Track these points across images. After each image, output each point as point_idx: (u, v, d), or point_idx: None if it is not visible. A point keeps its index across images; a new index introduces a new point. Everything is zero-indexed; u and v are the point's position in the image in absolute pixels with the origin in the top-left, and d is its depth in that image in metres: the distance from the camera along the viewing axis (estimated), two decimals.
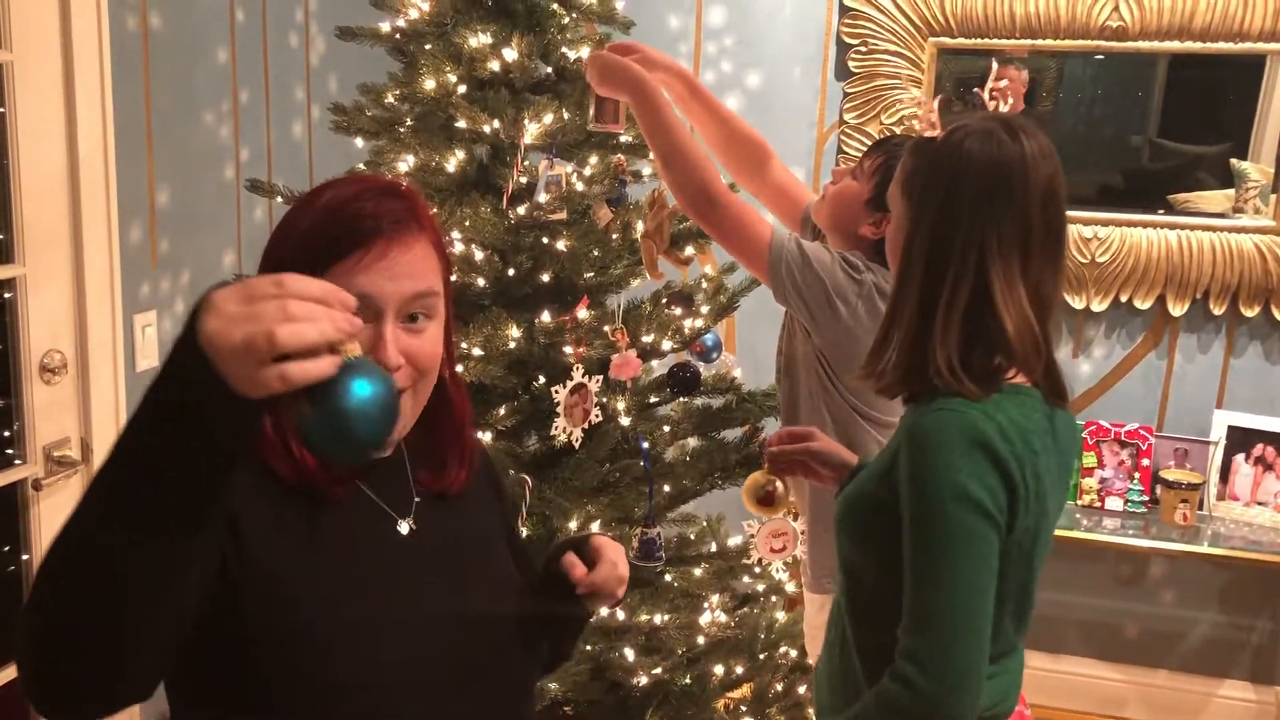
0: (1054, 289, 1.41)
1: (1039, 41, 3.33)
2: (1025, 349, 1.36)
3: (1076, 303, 3.42)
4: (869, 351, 1.48)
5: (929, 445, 1.32)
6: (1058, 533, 3.07)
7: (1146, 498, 3.29)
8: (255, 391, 0.80)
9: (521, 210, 2.29)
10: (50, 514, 2.42)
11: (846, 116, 3.50)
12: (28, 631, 0.88)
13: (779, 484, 1.80)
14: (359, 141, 2.48)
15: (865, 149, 2.21)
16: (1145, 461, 3.30)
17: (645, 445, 2.28)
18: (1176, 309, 3.35)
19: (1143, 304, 3.38)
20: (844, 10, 3.45)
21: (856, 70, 3.47)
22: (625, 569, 1.27)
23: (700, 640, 2.34)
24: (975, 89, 3.41)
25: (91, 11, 2.34)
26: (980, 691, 1.32)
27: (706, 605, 2.44)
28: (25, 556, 2.45)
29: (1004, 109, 3.35)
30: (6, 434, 2.43)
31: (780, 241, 1.95)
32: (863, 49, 3.45)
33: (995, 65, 3.37)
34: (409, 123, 2.41)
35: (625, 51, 2.20)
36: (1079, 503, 3.34)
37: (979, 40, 3.37)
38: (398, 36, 2.45)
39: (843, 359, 1.99)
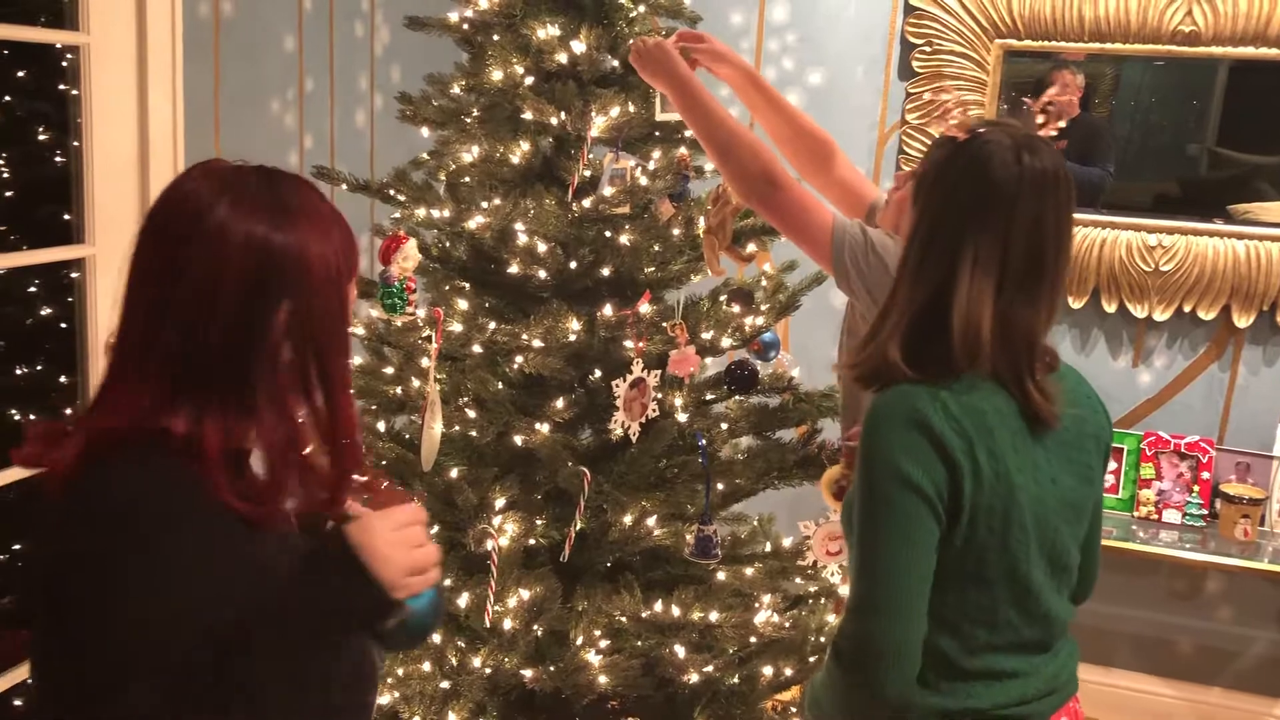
0: (1032, 320, 1.40)
1: (1107, 45, 3.27)
2: (963, 355, 1.37)
3: (1138, 311, 3.36)
4: (859, 341, 1.50)
5: (871, 423, 1.36)
6: (1111, 543, 3.06)
7: (1205, 511, 3.23)
8: (401, 593, 1.11)
9: (586, 204, 2.28)
10: None
11: (908, 117, 3.46)
12: None
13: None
14: (424, 131, 2.48)
15: (927, 150, 2.18)
16: (1205, 475, 3.24)
17: (703, 442, 2.27)
18: (1242, 320, 3.29)
19: (1206, 314, 3.32)
20: (909, 10, 3.41)
21: (920, 70, 3.43)
22: None
23: (752, 640, 2.32)
24: (1026, 101, 3.36)
25: None
26: (908, 666, 1.33)
27: (757, 605, 2.43)
28: None
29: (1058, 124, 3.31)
30: (70, 411, 2.47)
31: (843, 226, 1.93)
32: (927, 49, 3.41)
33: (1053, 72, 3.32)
34: (475, 113, 2.41)
35: (694, 41, 2.19)
36: (1135, 514, 3.29)
37: (1046, 43, 3.32)
38: (465, 27, 2.45)
39: None
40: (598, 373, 2.40)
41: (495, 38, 2.39)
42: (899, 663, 1.32)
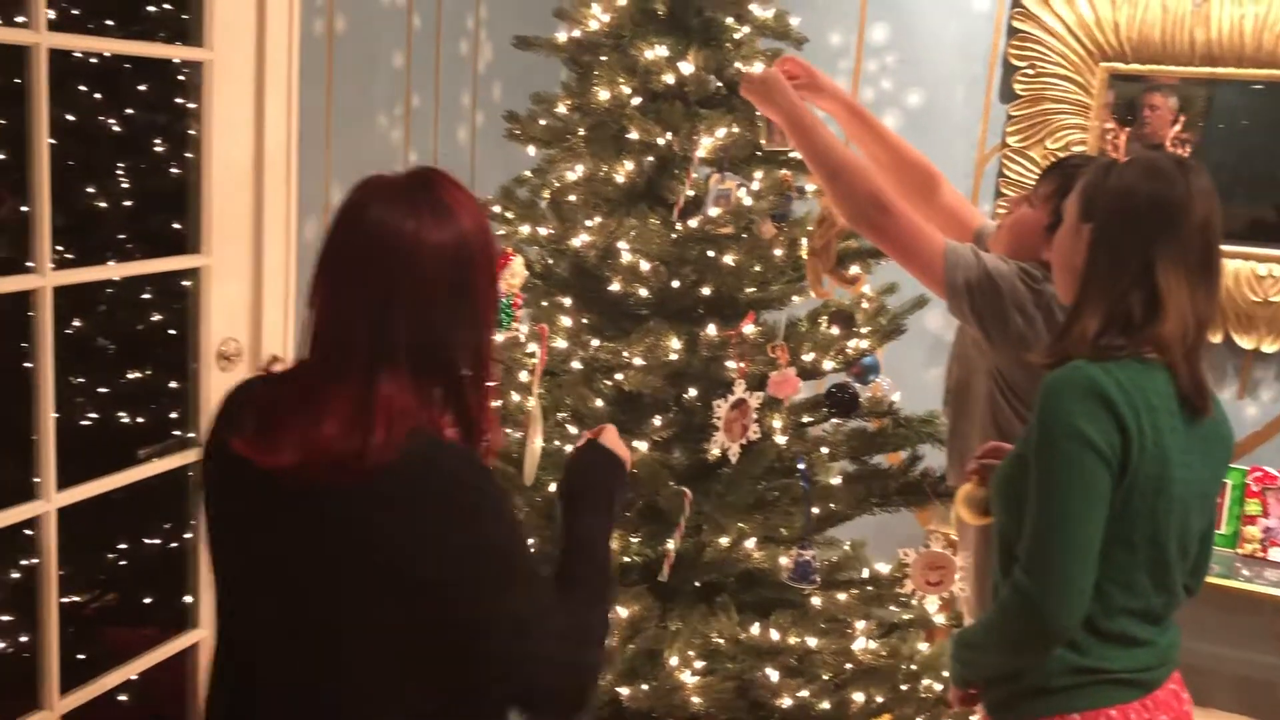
0: (1207, 307, 1.58)
1: (1219, 69, 3.20)
2: (1176, 350, 1.54)
3: (1246, 343, 3.27)
4: (1054, 336, 1.67)
5: (1051, 394, 1.53)
6: (1214, 580, 2.96)
7: None
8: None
9: (693, 223, 2.29)
10: None
11: (1009, 139, 3.42)
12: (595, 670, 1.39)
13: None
14: (530, 149, 2.51)
15: (1039, 175, 2.14)
16: None
17: (803, 466, 2.25)
18: None
19: None
20: (1012, 32, 3.37)
21: (1022, 93, 3.39)
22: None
23: (848, 666, 2.30)
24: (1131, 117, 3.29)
25: (284, 14, 2.43)
26: (1081, 602, 1.49)
27: (850, 631, 2.40)
28: (188, 536, 2.55)
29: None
30: (178, 416, 2.54)
31: (956, 250, 1.91)
32: (1030, 71, 3.37)
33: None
34: (581, 132, 2.43)
35: (795, 71, 2.18)
36: (1239, 551, 3.19)
37: (1154, 66, 3.26)
38: (574, 47, 2.48)
39: (1020, 374, 1.94)
40: (693, 392, 2.40)
41: (603, 58, 2.41)
42: (1075, 598, 1.49)
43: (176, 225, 2.44)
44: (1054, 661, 1.55)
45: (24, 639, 2.26)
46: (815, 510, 2.40)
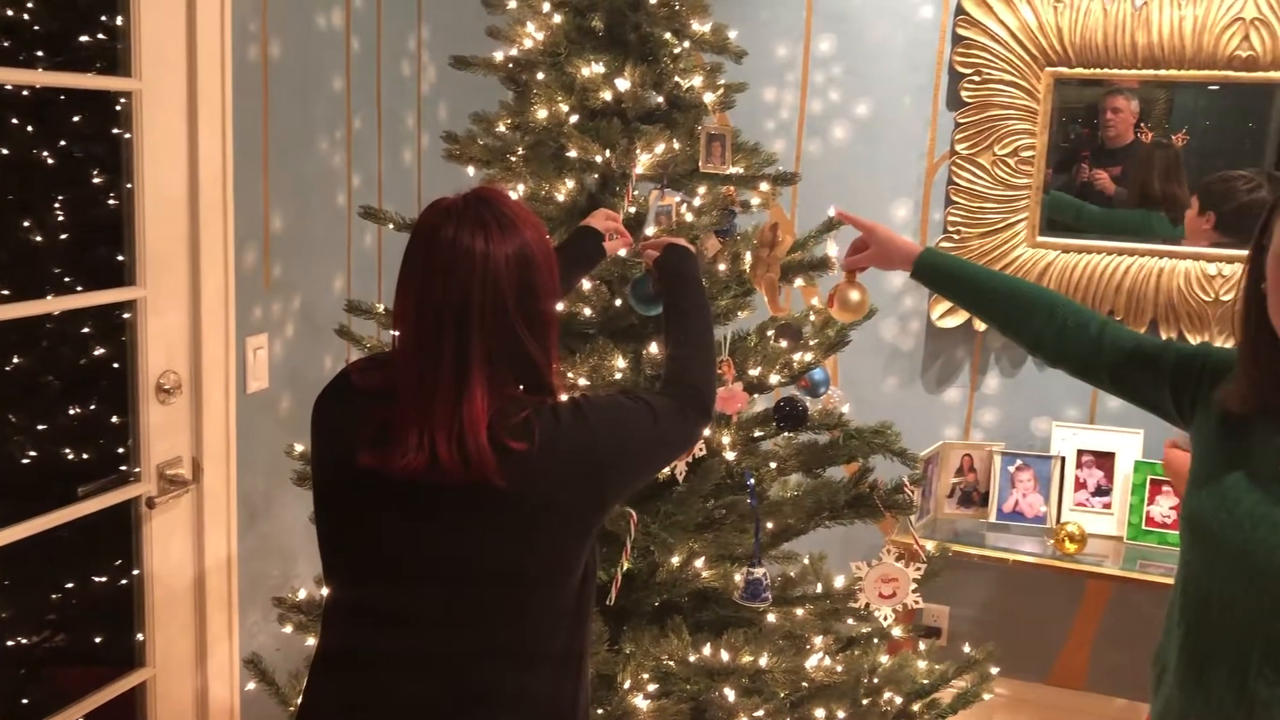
0: None
1: (1161, 72, 3.21)
2: None
3: (1198, 341, 3.28)
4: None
5: None
6: None
7: None
8: None
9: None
10: (162, 531, 2.47)
11: (958, 147, 3.42)
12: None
13: (853, 290, 2.02)
14: (470, 170, 2.49)
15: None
16: None
17: (751, 481, 2.23)
18: None
19: None
20: (957, 39, 3.38)
21: (969, 100, 3.39)
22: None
23: (804, 684, 2.27)
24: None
25: (216, 41, 2.40)
26: None
27: (808, 647, 2.38)
28: (136, 572, 2.50)
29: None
30: (122, 451, 2.49)
31: None
32: (976, 78, 3.38)
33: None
34: (520, 152, 2.41)
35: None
36: None
37: (1098, 70, 3.27)
38: (510, 66, 2.46)
39: None
40: None
41: (540, 76, 2.39)
42: None
43: (117, 257, 2.40)
44: None
45: None
46: (770, 525, 2.38)
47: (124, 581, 2.55)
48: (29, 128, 2.43)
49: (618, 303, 2.35)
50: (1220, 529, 1.46)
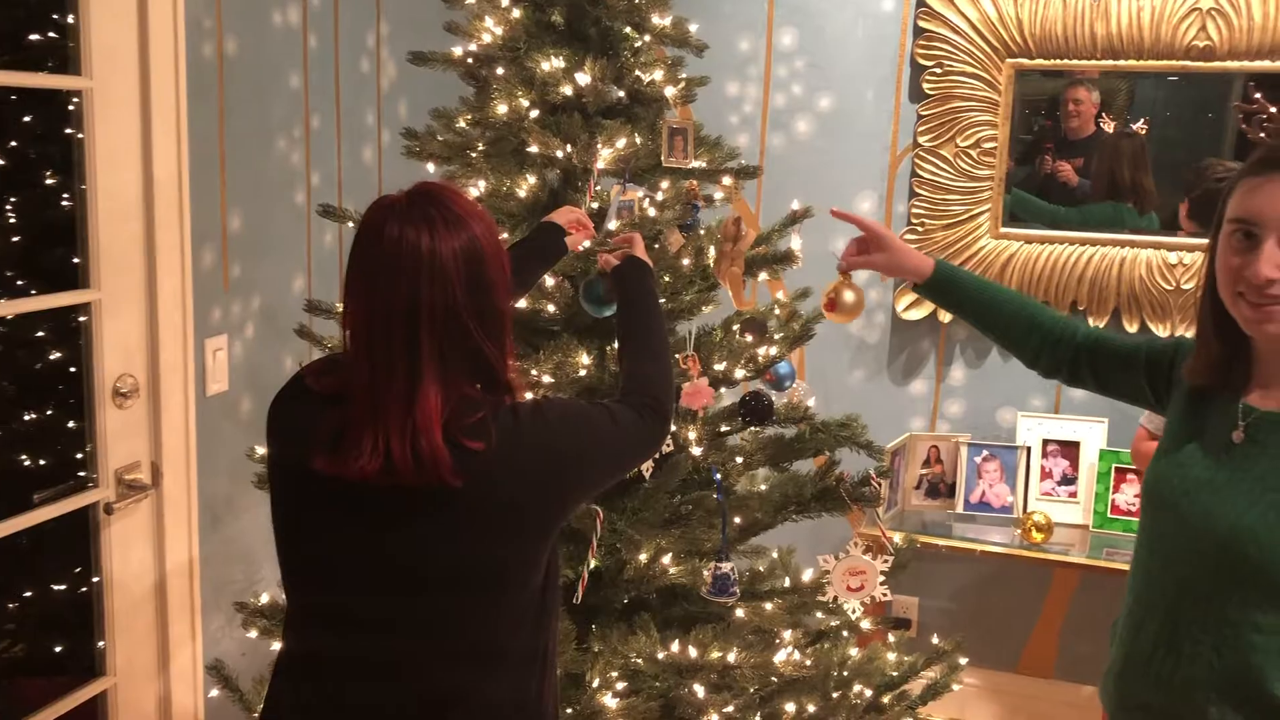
0: None
1: (1120, 62, 3.23)
2: None
3: (1161, 331, 3.31)
4: None
5: None
6: None
7: None
8: None
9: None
10: (121, 538, 2.43)
11: (921, 139, 3.43)
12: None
13: (848, 291, 1.98)
14: (430, 166, 2.46)
15: None
16: None
17: (718, 477, 2.22)
18: None
19: None
20: (918, 32, 3.38)
21: (931, 92, 3.40)
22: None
23: (773, 679, 2.27)
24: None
25: (169, 39, 2.36)
26: None
27: (778, 641, 2.38)
28: (96, 579, 2.46)
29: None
30: (79, 457, 2.45)
31: None
32: (937, 71, 3.38)
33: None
34: (481, 147, 2.39)
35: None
36: None
37: (1059, 61, 3.29)
38: (469, 61, 2.43)
39: None
40: None
41: (500, 71, 2.37)
42: None
43: (71, 259, 2.35)
44: None
45: None
46: (738, 520, 2.37)
47: (83, 589, 2.51)
48: None
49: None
50: (1168, 495, 1.55)
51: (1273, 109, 3.15)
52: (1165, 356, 1.69)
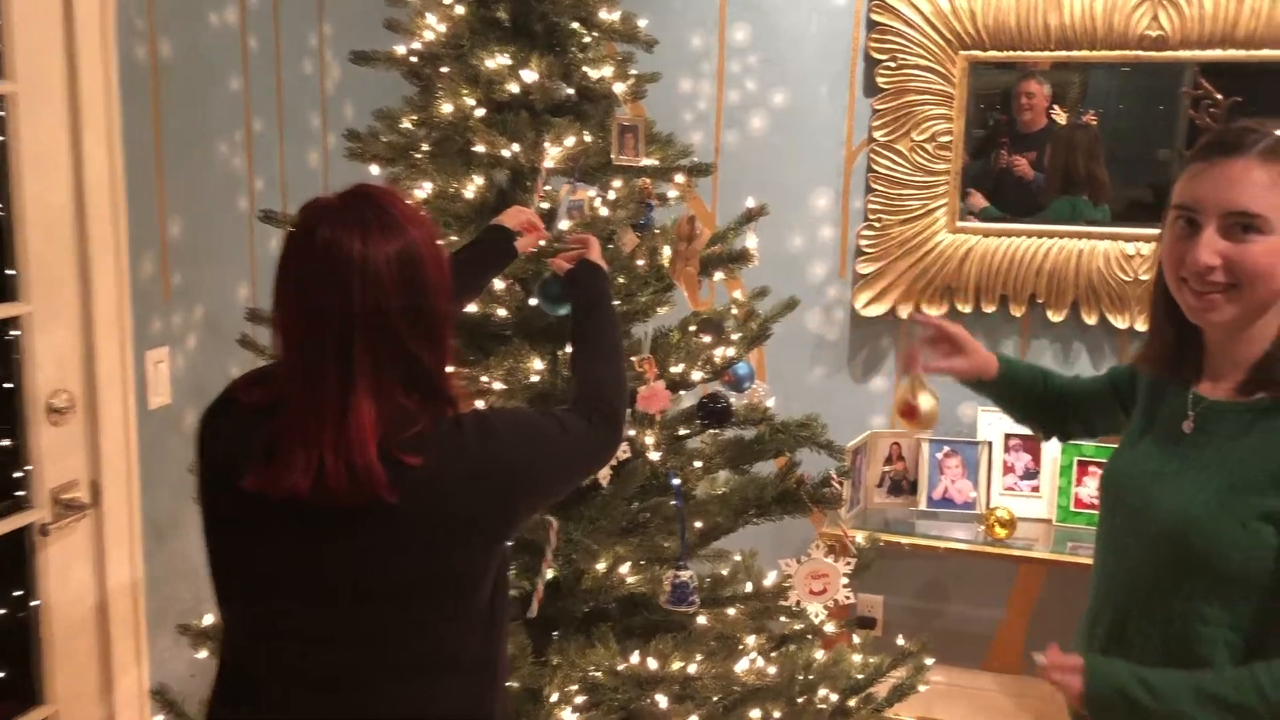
0: None
1: (1074, 53, 3.22)
2: None
3: (1119, 322, 3.30)
4: None
5: None
6: None
7: None
8: None
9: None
10: (59, 559, 2.34)
11: (875, 134, 3.39)
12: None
13: (924, 396, 1.90)
14: (374, 169, 2.39)
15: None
16: None
17: (676, 482, 2.17)
18: None
19: None
20: (871, 25, 3.35)
21: (885, 86, 3.37)
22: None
23: (736, 688, 2.22)
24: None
25: (96, 41, 2.27)
26: None
27: (741, 647, 2.33)
28: (35, 603, 2.37)
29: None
30: (16, 476, 2.36)
31: None
32: (891, 64, 3.35)
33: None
34: (425, 148, 2.32)
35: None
36: None
37: (1012, 53, 3.26)
38: (413, 60, 2.37)
39: None
40: None
41: (444, 69, 2.30)
42: None
43: (1, 270, 2.26)
44: None
45: None
46: (699, 524, 2.32)
47: (20, 614, 2.42)
48: None
49: (532, 302, 2.27)
50: (1121, 487, 1.57)
51: (1219, 95, 3.14)
52: (1126, 376, 1.73)
